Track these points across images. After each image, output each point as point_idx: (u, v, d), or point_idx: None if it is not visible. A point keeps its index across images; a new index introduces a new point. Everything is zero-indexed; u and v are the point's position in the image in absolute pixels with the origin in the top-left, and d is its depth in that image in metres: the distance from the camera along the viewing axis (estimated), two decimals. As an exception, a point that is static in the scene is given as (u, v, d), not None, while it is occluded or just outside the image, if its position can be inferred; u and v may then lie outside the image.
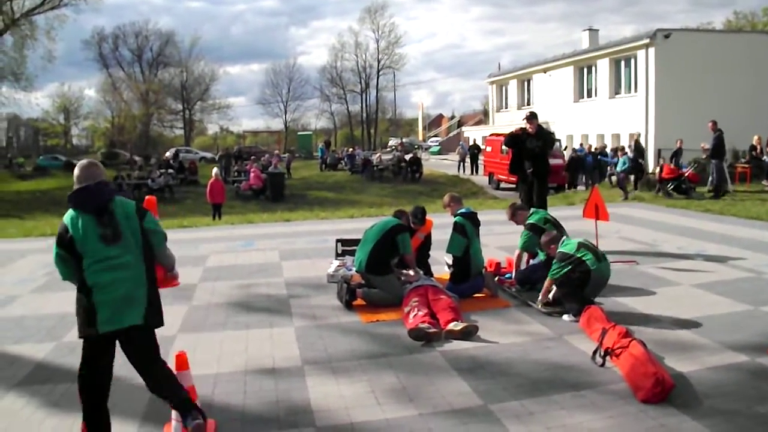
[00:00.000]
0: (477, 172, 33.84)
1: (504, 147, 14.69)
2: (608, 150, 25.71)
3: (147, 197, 5.87)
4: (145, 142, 64.65)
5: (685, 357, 5.20)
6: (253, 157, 33.00)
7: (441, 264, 8.84)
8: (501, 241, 11.02)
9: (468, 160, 35.47)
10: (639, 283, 7.73)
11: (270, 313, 7.11)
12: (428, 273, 8.02)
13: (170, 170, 30.50)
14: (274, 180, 25.67)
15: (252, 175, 26.39)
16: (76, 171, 3.95)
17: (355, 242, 8.79)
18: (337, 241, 9.16)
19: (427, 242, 8.24)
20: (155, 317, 3.89)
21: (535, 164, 9.79)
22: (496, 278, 7.94)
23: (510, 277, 7.90)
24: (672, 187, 17.96)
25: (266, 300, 7.67)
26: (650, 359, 4.57)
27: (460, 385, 4.85)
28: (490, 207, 17.74)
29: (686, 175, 18.08)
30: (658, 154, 22.37)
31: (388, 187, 29.92)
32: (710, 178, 17.98)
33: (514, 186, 24.25)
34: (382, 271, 7.14)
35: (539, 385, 4.79)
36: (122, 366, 4.06)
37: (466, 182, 30.32)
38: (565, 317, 6.34)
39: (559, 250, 6.58)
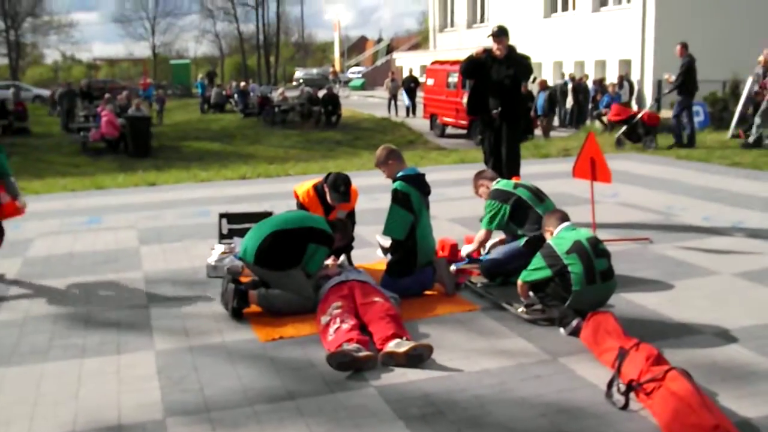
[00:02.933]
0: (414, 113, 33.27)
1: (459, 77, 14.00)
2: (590, 83, 25.56)
3: None
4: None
5: (748, 392, 4.63)
6: (107, 96, 31.19)
7: (371, 246, 8.09)
8: (455, 210, 10.38)
9: (401, 97, 34.75)
10: (657, 272, 7.20)
11: (119, 329, 6.22)
12: (350, 262, 7.29)
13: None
14: (136, 127, 24.25)
15: (103, 120, 24.88)
16: None
17: (249, 217, 7.99)
18: (221, 216, 8.27)
19: (350, 220, 7.46)
20: None
21: (505, 102, 9.16)
22: (452, 267, 7.24)
23: (471, 263, 7.23)
24: (624, 132, 17.79)
25: (114, 308, 6.77)
26: (703, 402, 3.94)
27: (410, 445, 4.12)
28: (434, 161, 17.20)
29: (640, 117, 17.83)
30: (658, 87, 22.17)
31: (293, 134, 28.91)
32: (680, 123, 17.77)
33: (465, 132, 23.96)
34: (280, 264, 6.33)
35: (532, 441, 4.10)
36: None
37: (399, 127, 29.69)
38: (561, 330, 5.69)
39: (549, 241, 5.91)
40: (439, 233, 7.42)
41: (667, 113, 19.24)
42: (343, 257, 7.15)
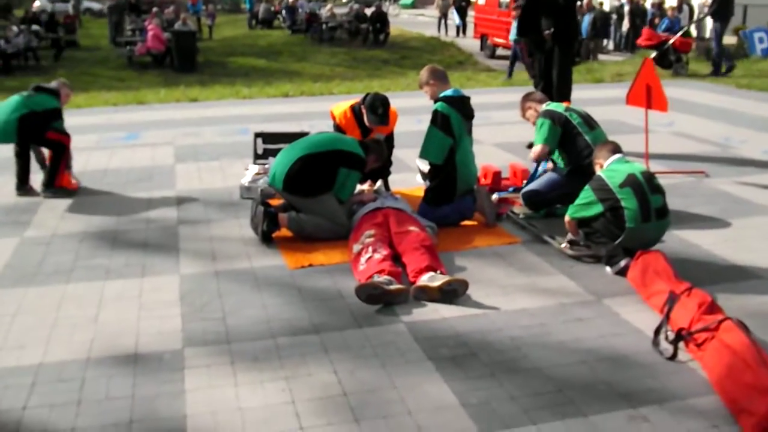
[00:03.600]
0: (464, 33, 32.37)
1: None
2: (648, 5, 24.44)
3: None
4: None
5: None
6: (154, 10, 30.71)
7: (411, 170, 7.72)
8: (501, 134, 9.95)
9: (452, 16, 33.79)
10: (713, 209, 6.75)
11: (145, 250, 6.00)
12: (388, 188, 6.97)
13: (34, 26, 28.30)
14: (181, 42, 23.79)
15: (150, 34, 24.48)
16: None
17: (284, 137, 7.66)
18: (256, 135, 7.94)
19: (388, 144, 7.09)
20: None
21: (558, 22, 8.61)
22: (495, 196, 6.86)
23: (515, 191, 6.86)
24: (654, 57, 16.87)
25: (143, 228, 6.54)
26: (761, 358, 3.55)
27: (437, 390, 3.82)
28: (483, 84, 16.64)
29: (671, 42, 16.99)
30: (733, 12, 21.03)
31: (340, 52, 28.24)
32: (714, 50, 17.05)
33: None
34: (310, 190, 6.02)
35: (569, 392, 3.77)
36: None
37: (449, 47, 28.85)
38: (607, 268, 5.31)
39: (600, 173, 5.47)
40: (483, 159, 7.03)
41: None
42: (380, 182, 6.81)
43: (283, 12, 36.33)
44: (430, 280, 4.89)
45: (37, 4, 44.18)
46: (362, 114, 6.82)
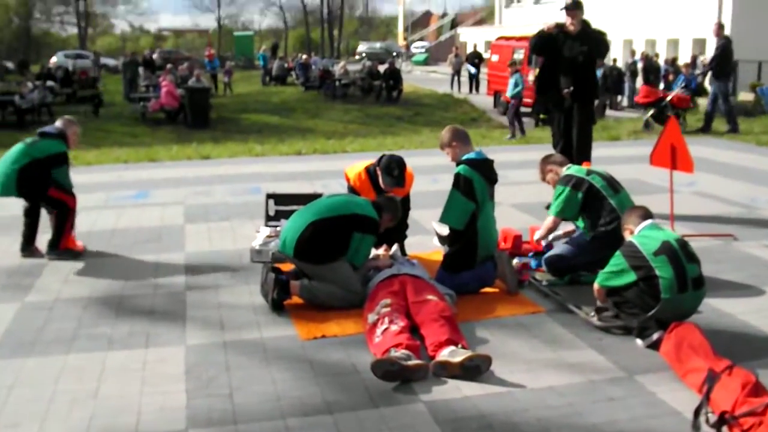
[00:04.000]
0: (477, 90, 32.43)
1: (525, 53, 13.27)
2: (661, 62, 24.40)
3: None
4: (25, 44, 61.92)
5: None
6: (169, 66, 30.93)
7: (427, 233, 7.46)
8: (519, 195, 9.69)
9: (467, 67, 33.88)
10: (744, 275, 6.45)
11: (151, 318, 5.74)
12: (404, 252, 6.70)
13: (50, 82, 28.48)
14: (195, 98, 23.88)
15: (163, 90, 24.59)
16: None
17: (297, 199, 7.45)
18: (268, 196, 7.72)
19: (404, 207, 6.84)
20: None
21: (578, 81, 8.43)
22: (515, 261, 6.59)
23: (535, 263, 6.58)
24: (652, 115, 17.43)
25: (150, 294, 6.29)
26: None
27: (462, 480, 3.51)
28: (497, 141, 16.50)
29: (669, 99, 17.42)
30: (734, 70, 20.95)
31: (353, 109, 28.33)
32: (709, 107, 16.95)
33: (529, 110, 23.09)
34: (322, 257, 5.78)
35: (606, 482, 3.46)
36: None
37: (462, 104, 28.89)
38: (638, 341, 5.01)
39: (632, 239, 5.21)
40: (501, 221, 6.76)
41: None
42: (395, 247, 6.55)
43: (297, 69, 36.59)
44: (451, 355, 4.60)
45: (54, 60, 44.87)
46: (377, 176, 6.60)
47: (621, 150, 13.88)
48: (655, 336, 4.89)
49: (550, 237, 6.68)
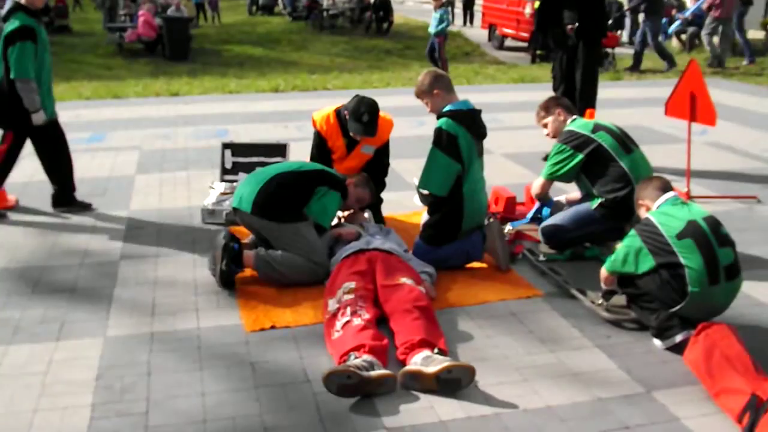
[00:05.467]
0: (471, 22, 31.02)
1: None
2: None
3: None
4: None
5: None
6: (149, -6, 29.47)
7: (409, 188, 6.46)
8: (513, 142, 8.68)
9: (459, 4, 32.44)
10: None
11: (70, 298, 4.79)
12: (379, 217, 5.70)
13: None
14: (173, 29, 22.41)
15: (140, 20, 23.15)
16: None
17: (258, 149, 6.49)
18: (224, 146, 6.69)
19: (379, 160, 5.84)
20: None
21: (584, 15, 7.38)
22: (508, 227, 5.65)
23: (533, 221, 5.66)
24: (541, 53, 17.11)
25: (76, 265, 5.33)
26: None
27: None
28: (491, 78, 15.38)
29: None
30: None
31: (341, 41, 26.81)
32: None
33: (526, 45, 21.93)
34: (285, 213, 4.86)
35: None
36: None
37: (455, 37, 27.36)
38: (657, 342, 4.07)
39: (650, 216, 4.22)
40: (491, 175, 5.72)
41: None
42: (368, 213, 5.56)
43: (284, -2, 35.03)
44: (425, 362, 3.65)
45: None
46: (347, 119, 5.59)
47: (623, 91, 12.79)
48: (679, 337, 3.96)
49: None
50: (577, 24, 7.49)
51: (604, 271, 4.35)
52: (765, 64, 16.42)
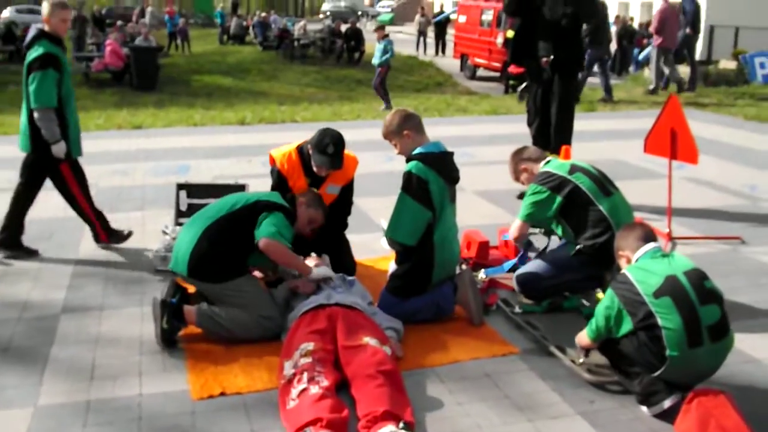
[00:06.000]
0: (444, 52, 30.92)
1: (494, 15, 12.00)
2: (636, 24, 23.07)
3: None
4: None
5: None
6: (119, 23, 29.00)
7: (374, 230, 6.09)
8: (485, 178, 8.34)
9: (431, 34, 32.31)
10: (764, 294, 5.16)
11: (4, 357, 4.37)
12: (343, 266, 5.24)
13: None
14: (141, 58, 22.04)
15: (107, 50, 22.74)
16: None
17: (215, 190, 6.09)
18: (179, 187, 6.29)
19: (343, 199, 5.46)
20: None
21: (559, 48, 7.12)
22: (482, 274, 5.29)
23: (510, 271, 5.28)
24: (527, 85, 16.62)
25: (14, 318, 4.90)
26: None
27: None
28: (462, 110, 15.06)
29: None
30: (710, 34, 19.73)
31: (312, 71, 26.55)
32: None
33: (497, 75, 21.75)
34: (222, 273, 4.46)
35: None
36: None
37: (427, 67, 27.29)
38: (644, 409, 3.70)
39: (626, 272, 3.85)
40: (463, 214, 5.33)
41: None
42: (325, 258, 5.14)
43: (256, 27, 34.76)
44: (391, 439, 3.27)
45: (5, 14, 42.26)
46: (311, 157, 5.20)
47: (596, 123, 12.54)
48: (667, 403, 3.59)
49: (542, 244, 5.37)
50: (552, 57, 7.20)
51: (585, 338, 3.98)
52: (738, 93, 16.29)
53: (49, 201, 7.62)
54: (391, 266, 4.92)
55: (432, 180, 4.56)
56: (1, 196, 6.68)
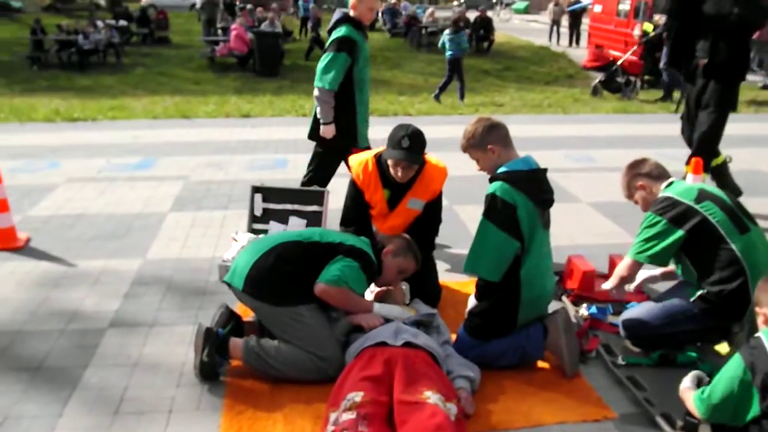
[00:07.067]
0: (578, 42, 29.60)
1: (632, 4, 11.07)
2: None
3: None
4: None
5: None
6: (248, 7, 29.21)
7: (467, 246, 5.41)
8: (607, 187, 7.47)
9: (565, 23, 31.01)
10: None
11: (32, 380, 3.95)
12: (425, 292, 4.61)
13: (122, 22, 27.05)
14: (264, 44, 21.97)
15: (232, 34, 22.80)
16: None
17: (293, 196, 5.57)
18: (255, 189, 5.79)
19: (428, 217, 4.81)
20: None
21: (716, 50, 6.24)
22: (583, 311, 4.54)
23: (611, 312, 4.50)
24: (601, 80, 16.62)
25: (55, 331, 4.49)
26: None
27: None
28: (590, 107, 14.05)
29: (620, 63, 16.58)
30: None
31: (438, 59, 25.75)
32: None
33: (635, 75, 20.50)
34: (283, 296, 3.88)
35: None
36: None
37: (558, 58, 26.14)
38: None
39: (761, 336, 3.03)
40: (573, 232, 4.56)
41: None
42: (405, 286, 4.51)
43: (385, 14, 34.34)
44: None
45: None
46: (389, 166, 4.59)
47: (737, 127, 11.34)
48: None
49: (638, 279, 4.54)
50: (706, 60, 6.26)
51: (691, 404, 3.19)
52: None
53: (136, 192, 7.36)
54: (471, 301, 4.22)
55: (520, 204, 3.81)
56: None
